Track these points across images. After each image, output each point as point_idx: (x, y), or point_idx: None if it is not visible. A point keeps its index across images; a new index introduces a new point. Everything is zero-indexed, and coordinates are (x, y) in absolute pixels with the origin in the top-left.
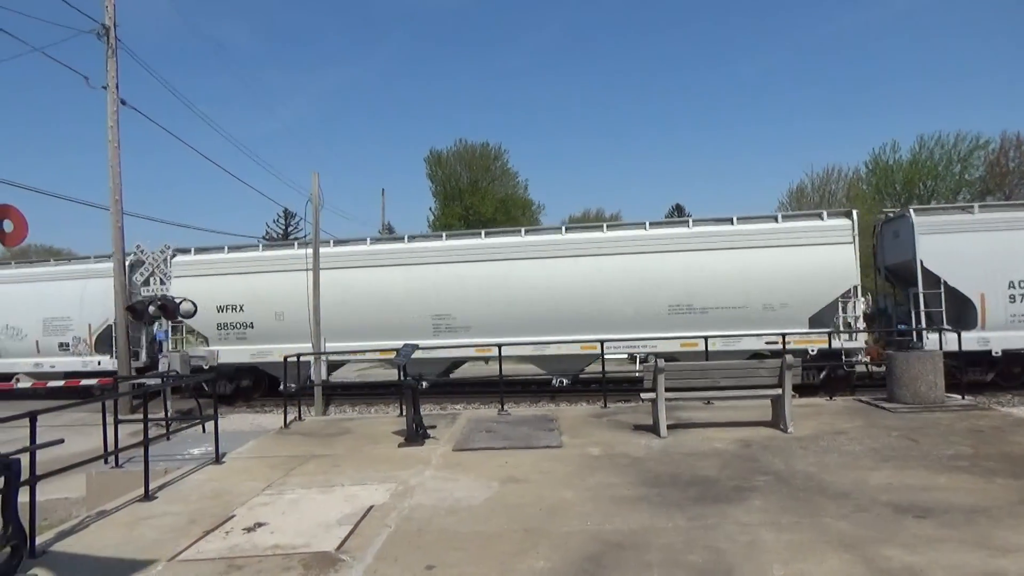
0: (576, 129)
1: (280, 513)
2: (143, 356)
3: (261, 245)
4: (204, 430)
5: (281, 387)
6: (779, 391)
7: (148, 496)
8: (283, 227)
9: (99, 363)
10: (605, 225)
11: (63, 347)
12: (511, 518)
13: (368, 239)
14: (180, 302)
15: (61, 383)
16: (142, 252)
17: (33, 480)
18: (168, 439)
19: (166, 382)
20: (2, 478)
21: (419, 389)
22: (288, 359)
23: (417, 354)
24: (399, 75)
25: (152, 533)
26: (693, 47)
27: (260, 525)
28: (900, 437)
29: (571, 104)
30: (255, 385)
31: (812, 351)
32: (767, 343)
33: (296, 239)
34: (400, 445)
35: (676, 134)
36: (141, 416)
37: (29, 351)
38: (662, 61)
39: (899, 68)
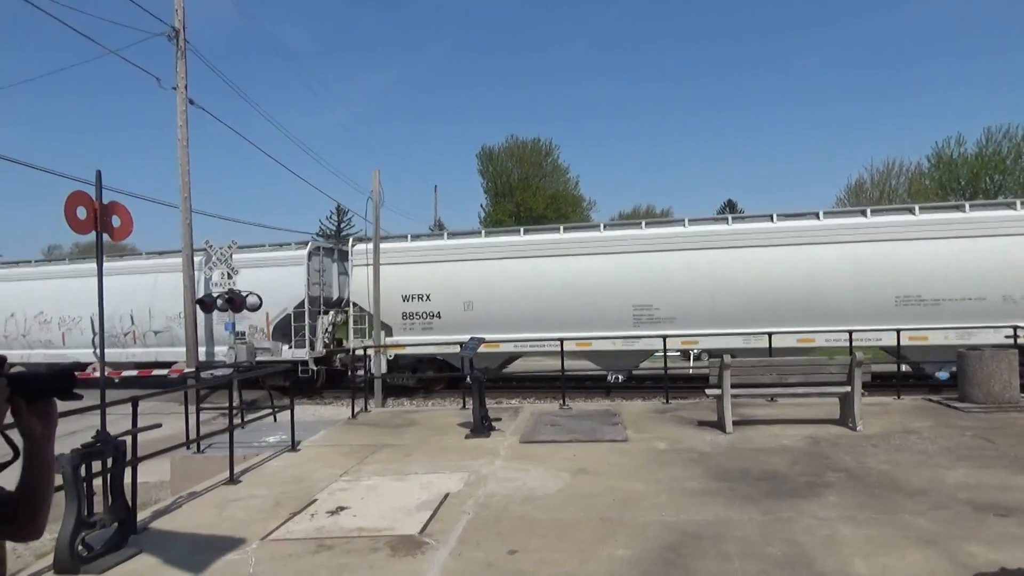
0: (625, 126)
1: (360, 498)
2: (319, 346)
3: (446, 234)
4: (275, 420)
5: (467, 378)
6: (848, 388)
7: (233, 480)
8: (336, 224)
9: (280, 353)
10: (821, 213)
11: (239, 336)
12: (586, 507)
13: (561, 227)
14: (246, 295)
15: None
16: (210, 247)
17: (135, 461)
18: (243, 428)
19: (247, 373)
20: (111, 458)
21: (484, 382)
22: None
23: (617, 345)
24: (449, 73)
25: (241, 514)
26: (743, 44)
27: (342, 509)
28: (974, 437)
29: (620, 102)
30: (440, 377)
31: None
32: (1006, 336)
33: (488, 229)
34: (467, 437)
35: (725, 130)
36: (212, 405)
37: (200, 339)
38: (710, 59)
39: (958, 61)
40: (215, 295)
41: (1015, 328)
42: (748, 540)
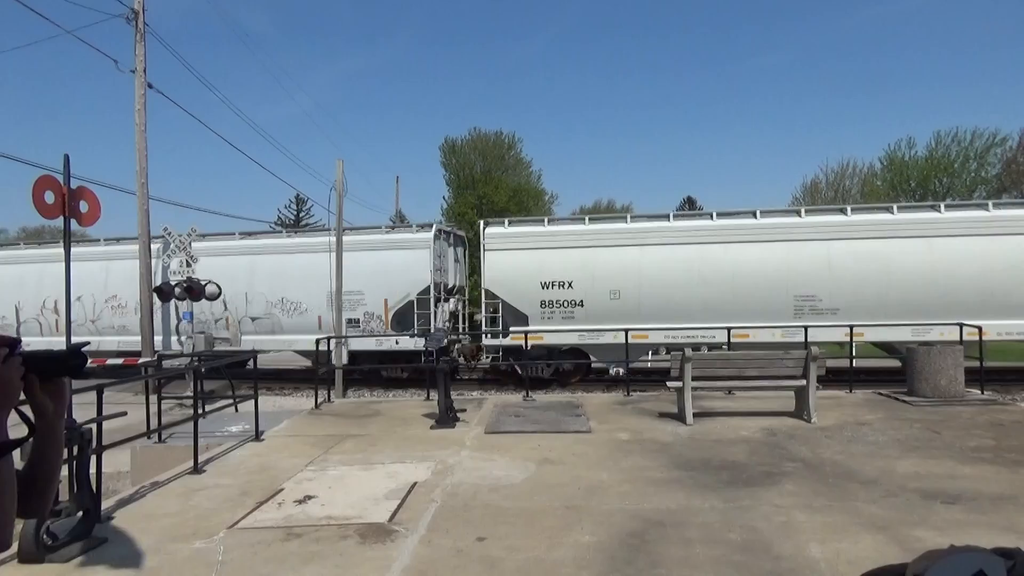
0: (588, 121)
1: (327, 487)
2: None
3: (587, 218)
4: (237, 410)
5: (612, 371)
6: (803, 382)
7: (197, 469)
8: (295, 212)
9: (396, 342)
10: (991, 204)
11: (352, 323)
12: (552, 496)
13: (714, 213)
14: (206, 284)
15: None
16: (168, 234)
17: (100, 449)
18: (204, 417)
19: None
20: (76, 446)
21: (450, 373)
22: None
23: (776, 337)
24: (413, 63)
25: (207, 503)
26: (706, 43)
27: (310, 498)
28: (923, 429)
29: (584, 97)
30: (576, 369)
31: None
32: None
33: (633, 215)
34: (432, 427)
35: (687, 128)
36: (172, 395)
37: (310, 327)
38: (675, 56)
39: (914, 64)
40: (173, 283)
41: (960, 325)
42: (709, 526)
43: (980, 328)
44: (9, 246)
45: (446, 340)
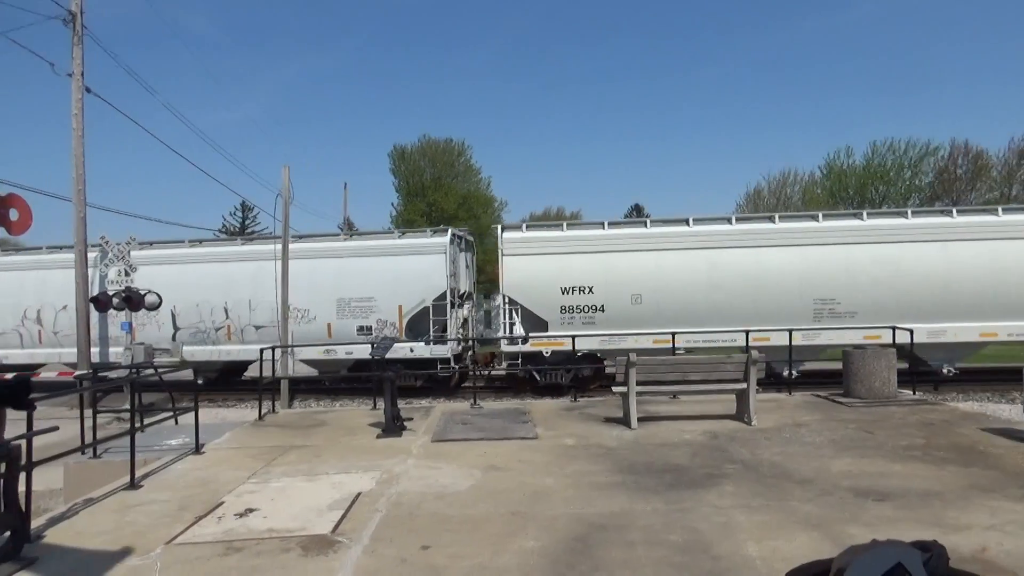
0: (538, 129)
1: (269, 500)
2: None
3: (606, 223)
4: (177, 422)
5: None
6: (744, 385)
7: (134, 485)
8: (240, 220)
9: (411, 350)
10: (1000, 209)
11: (363, 331)
12: (497, 503)
13: (733, 218)
14: (145, 294)
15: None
16: (106, 243)
17: (30, 466)
18: (142, 431)
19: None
20: (4, 464)
21: (396, 382)
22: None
23: (797, 340)
24: (361, 69)
25: (144, 519)
26: (652, 53)
27: (251, 511)
28: (857, 429)
29: (533, 104)
30: (596, 374)
31: None
32: None
33: (653, 219)
34: (378, 436)
35: (635, 136)
36: (108, 409)
37: (318, 335)
38: (623, 65)
39: (853, 75)
40: (111, 293)
41: (893, 328)
42: (651, 529)
43: (911, 331)
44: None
45: (392, 347)
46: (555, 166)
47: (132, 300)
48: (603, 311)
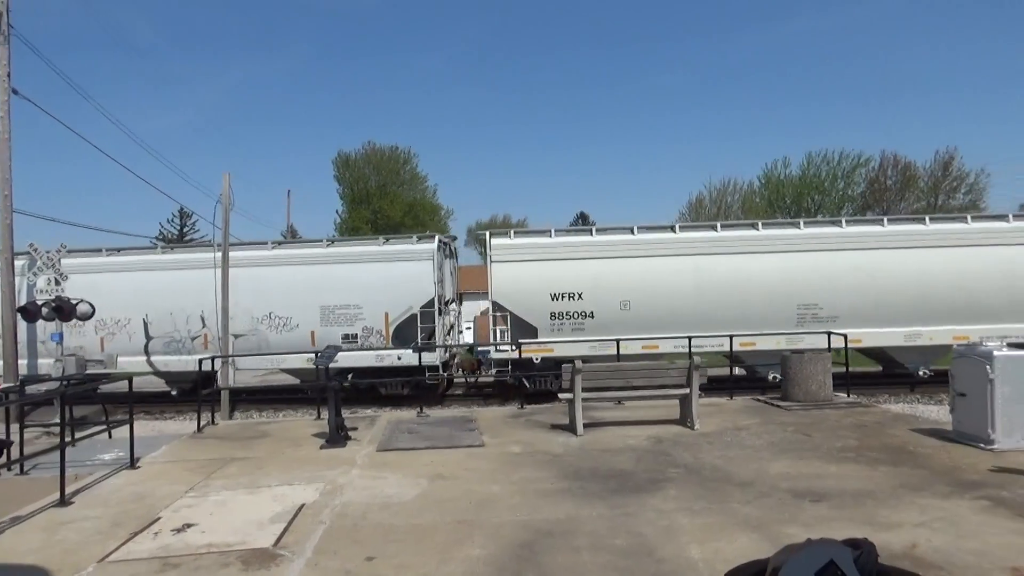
0: (484, 137)
1: (208, 514)
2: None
3: (594, 229)
4: (111, 436)
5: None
6: (687, 390)
7: (64, 501)
8: (178, 227)
9: (399, 357)
10: (969, 217)
11: (349, 339)
12: (443, 511)
13: (718, 225)
14: (76, 303)
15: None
16: (35, 251)
17: None
18: (74, 446)
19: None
20: None
21: (340, 391)
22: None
23: (781, 344)
24: (304, 76)
25: (75, 536)
26: (597, 63)
27: (189, 526)
28: (795, 432)
29: (479, 113)
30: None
31: None
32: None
33: (640, 225)
34: (322, 447)
35: (580, 145)
36: (36, 423)
37: (301, 344)
38: (569, 74)
39: (792, 87)
40: (40, 302)
41: (828, 334)
42: (596, 534)
43: (846, 336)
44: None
45: (337, 357)
46: (501, 174)
47: (63, 310)
48: (592, 317)
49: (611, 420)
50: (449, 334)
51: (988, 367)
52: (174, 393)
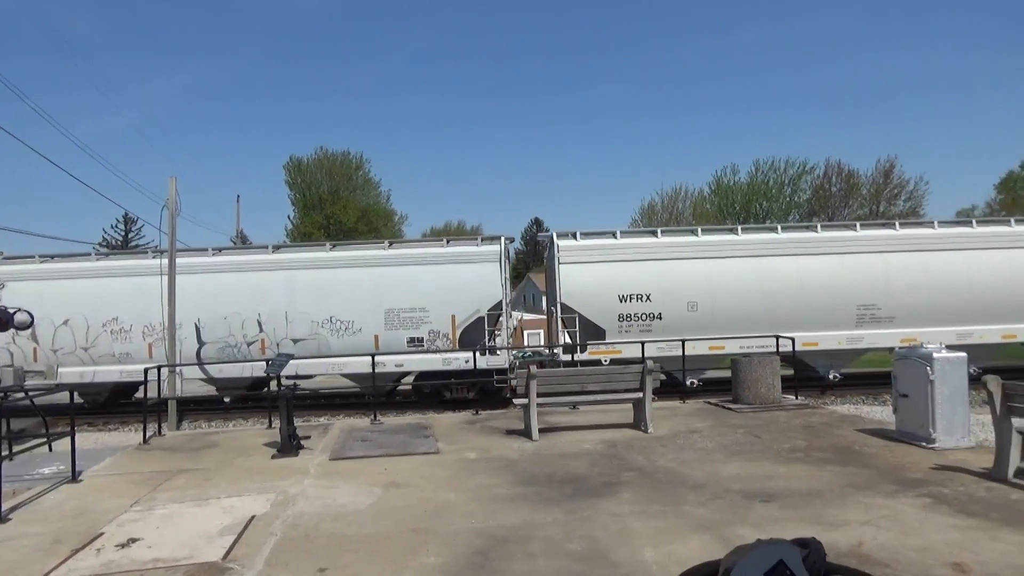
0: (437, 143)
1: (154, 528)
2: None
3: (659, 231)
4: (51, 449)
5: (688, 382)
6: (640, 395)
7: (1, 518)
8: (123, 233)
9: (466, 361)
10: (1013, 220)
11: (414, 342)
12: (398, 520)
13: (779, 227)
14: (14, 312)
15: None
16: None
17: None
18: (11, 460)
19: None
20: None
21: (292, 399)
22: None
23: (842, 344)
24: (254, 80)
25: (12, 555)
26: (548, 70)
27: (134, 540)
28: (745, 434)
29: (433, 119)
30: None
31: None
32: None
33: (704, 227)
34: (274, 456)
35: (534, 152)
36: None
37: (363, 347)
38: (523, 81)
39: (739, 96)
40: None
41: (776, 337)
42: (551, 539)
43: (793, 339)
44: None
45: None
46: (455, 180)
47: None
48: (660, 319)
49: (566, 425)
50: (512, 336)
51: (928, 368)
52: (227, 400)
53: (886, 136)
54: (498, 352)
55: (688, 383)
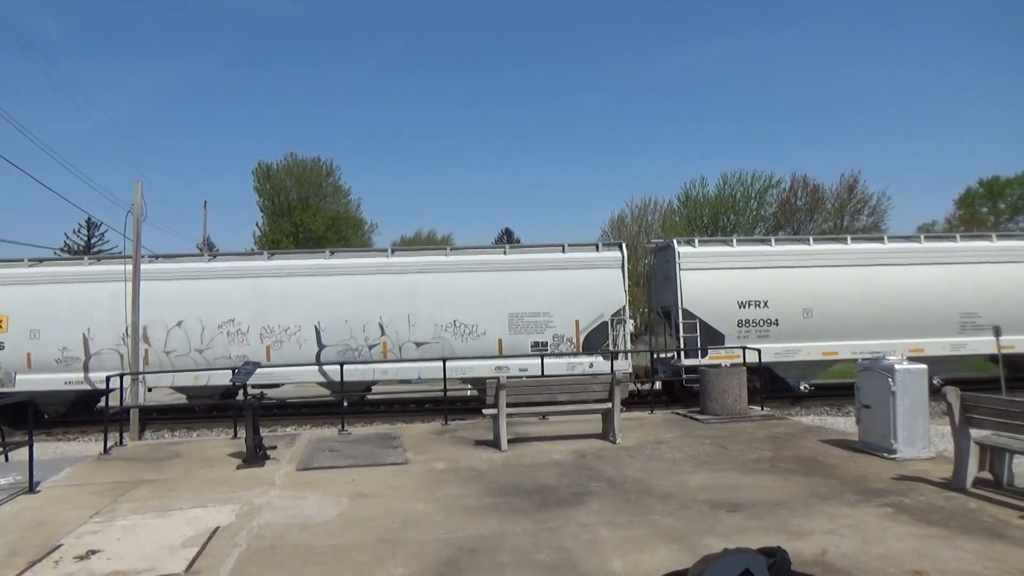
0: (408, 151)
1: (115, 540)
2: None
3: (773, 240)
4: (7, 459)
5: (801, 387)
6: (609, 405)
7: None
8: (86, 238)
9: (590, 364)
10: None
11: (538, 346)
12: (365, 531)
13: (885, 237)
14: None
15: None
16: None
17: None
18: None
19: None
20: None
21: (259, 408)
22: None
23: (946, 351)
24: (222, 85)
25: None
26: (520, 81)
27: (94, 552)
28: (712, 444)
29: (404, 127)
30: (765, 385)
31: None
32: None
33: (815, 236)
34: (239, 467)
35: (504, 161)
36: None
37: (486, 350)
38: (493, 90)
39: (709, 109)
40: None
41: (743, 349)
42: (520, 549)
43: (760, 351)
44: (71, 261)
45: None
46: (425, 190)
47: None
48: (777, 324)
49: (535, 435)
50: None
51: (890, 380)
52: (345, 404)
53: (850, 151)
54: (626, 356)
55: (801, 388)
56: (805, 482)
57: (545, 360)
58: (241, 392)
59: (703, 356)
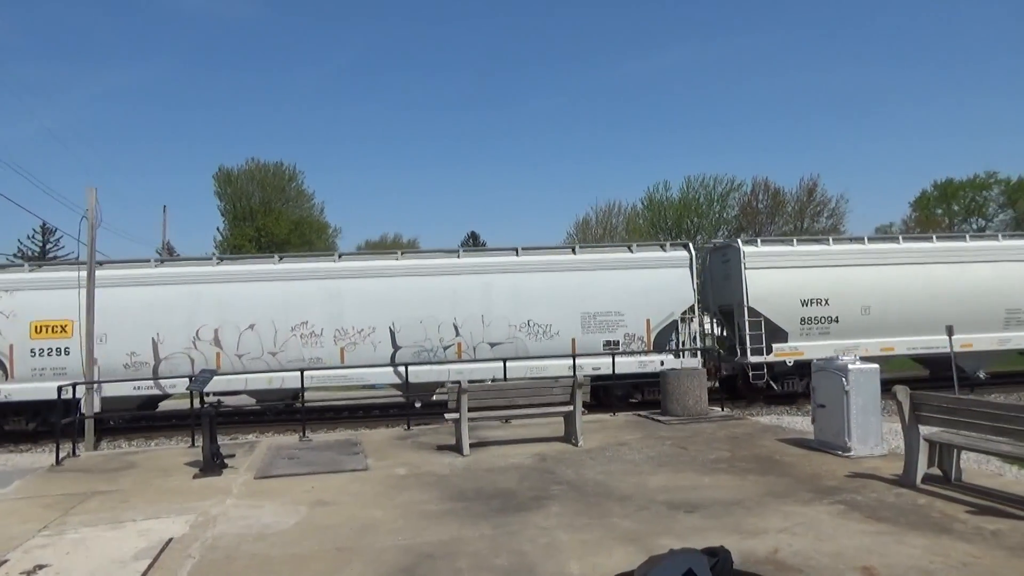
0: (372, 155)
1: (64, 553)
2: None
3: (831, 239)
4: None
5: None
6: (571, 408)
7: None
8: (41, 244)
9: (661, 363)
10: None
11: (610, 345)
12: (323, 539)
13: (934, 236)
14: None
15: None
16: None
17: None
18: None
19: None
20: None
21: (216, 416)
22: None
23: (992, 345)
24: (181, 87)
25: None
26: (485, 85)
27: (41, 567)
28: (672, 446)
29: (368, 130)
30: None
31: None
32: None
33: (871, 236)
34: (195, 476)
35: (470, 165)
36: None
37: (560, 350)
38: (458, 94)
39: (671, 112)
40: None
41: (703, 350)
42: (479, 554)
43: (720, 353)
44: (138, 263)
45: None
46: (390, 193)
47: None
48: (837, 321)
49: (498, 439)
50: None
51: (844, 379)
52: (418, 405)
53: (808, 153)
54: (696, 355)
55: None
56: (762, 481)
57: (616, 359)
58: (197, 400)
59: (768, 353)
